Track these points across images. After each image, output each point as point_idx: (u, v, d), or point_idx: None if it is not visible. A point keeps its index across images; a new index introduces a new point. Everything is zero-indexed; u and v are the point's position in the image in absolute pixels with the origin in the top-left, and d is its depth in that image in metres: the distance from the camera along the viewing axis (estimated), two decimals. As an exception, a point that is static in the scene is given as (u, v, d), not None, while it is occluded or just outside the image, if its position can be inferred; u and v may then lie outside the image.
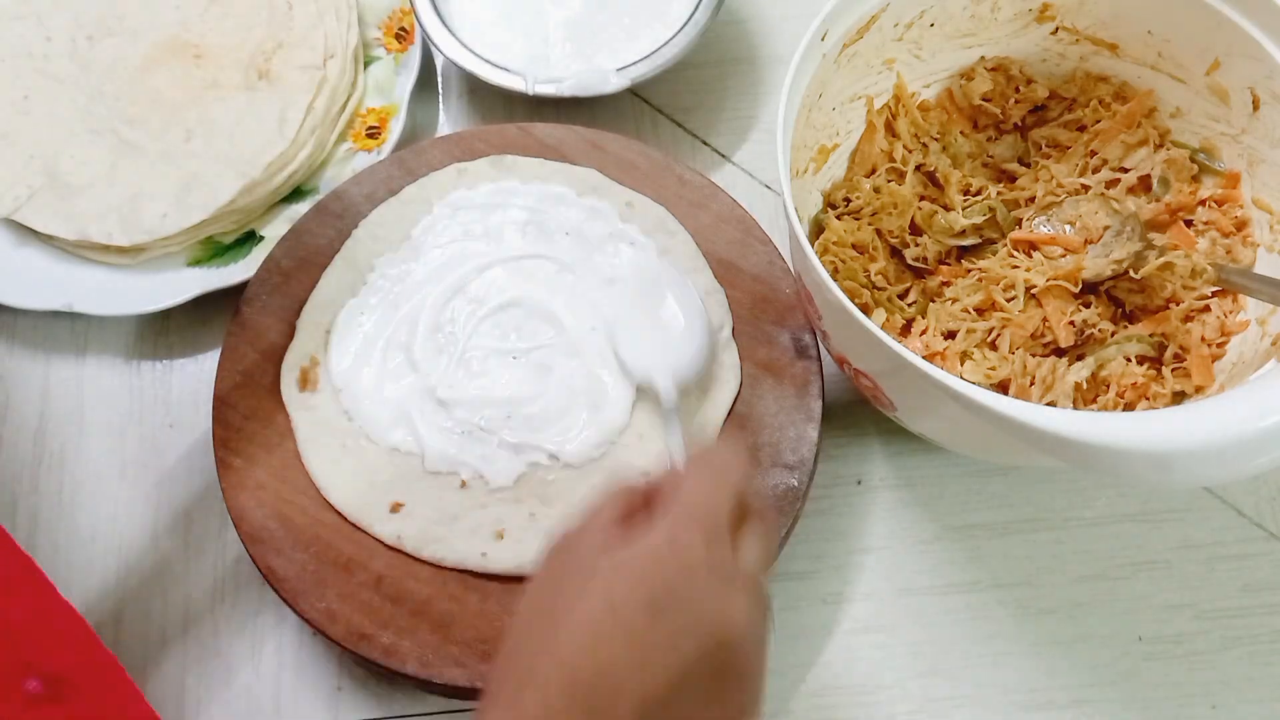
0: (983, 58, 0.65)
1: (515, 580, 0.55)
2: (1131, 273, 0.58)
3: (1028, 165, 0.65)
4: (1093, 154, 0.64)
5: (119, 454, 0.64)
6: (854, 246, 0.61)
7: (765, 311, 0.62)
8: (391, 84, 0.73)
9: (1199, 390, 0.56)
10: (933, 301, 0.61)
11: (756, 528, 0.43)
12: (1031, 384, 0.57)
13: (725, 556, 0.41)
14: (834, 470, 0.63)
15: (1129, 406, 0.56)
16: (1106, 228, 0.60)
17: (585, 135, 0.67)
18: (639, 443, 0.59)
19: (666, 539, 0.41)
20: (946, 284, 0.61)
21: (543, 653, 0.39)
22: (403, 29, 0.74)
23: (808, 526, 0.61)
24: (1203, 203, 0.61)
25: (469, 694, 0.53)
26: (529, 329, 0.61)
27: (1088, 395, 0.57)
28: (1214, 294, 0.59)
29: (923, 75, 0.64)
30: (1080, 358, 0.58)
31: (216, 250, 0.67)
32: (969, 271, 0.61)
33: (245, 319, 0.62)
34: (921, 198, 0.63)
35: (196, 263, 0.67)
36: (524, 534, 0.56)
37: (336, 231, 0.65)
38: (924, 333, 0.59)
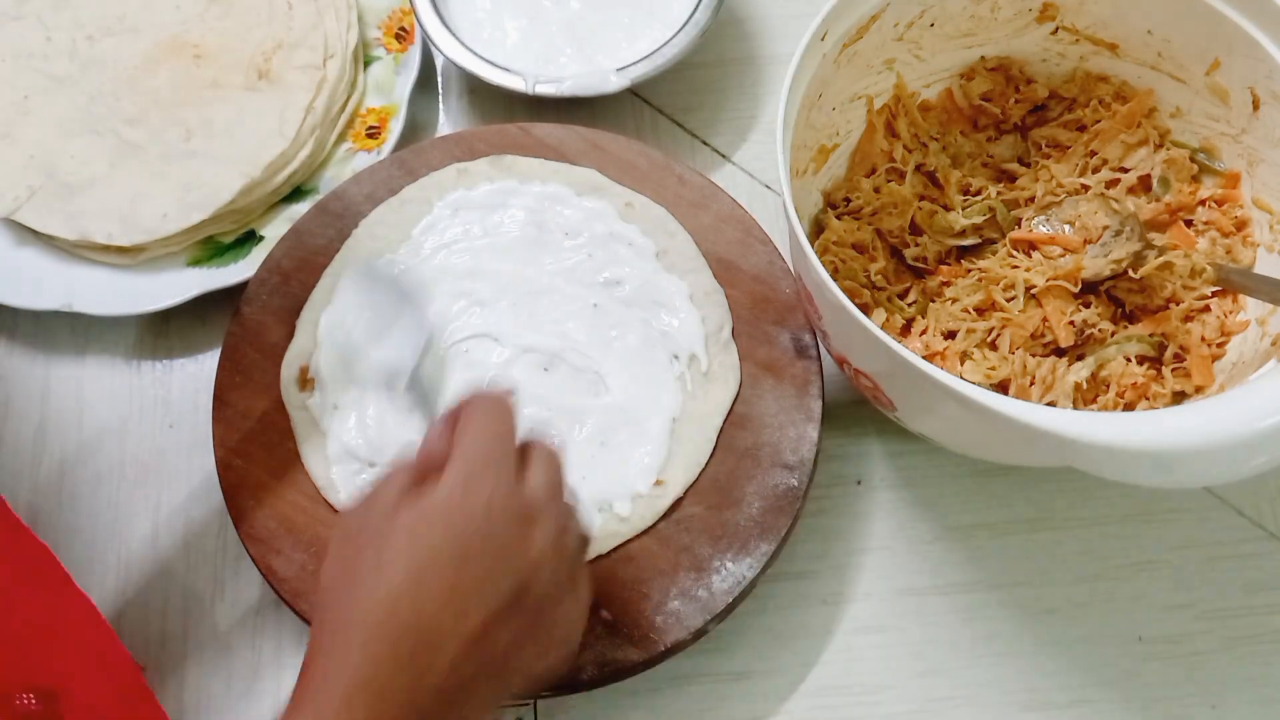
0: (983, 58, 0.65)
1: (515, 580, 0.55)
2: (1131, 272, 0.58)
3: (1028, 165, 0.65)
4: (1093, 154, 0.64)
5: (119, 454, 0.64)
6: (854, 246, 0.61)
7: (765, 311, 0.62)
8: (391, 84, 0.73)
9: (1199, 390, 0.57)
10: (933, 301, 0.61)
11: (538, 456, 0.45)
12: (1031, 384, 0.57)
13: (516, 492, 0.43)
14: (834, 470, 0.63)
15: (1129, 406, 0.56)
16: (1106, 228, 0.60)
17: (585, 135, 0.67)
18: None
19: (461, 487, 0.42)
20: (946, 284, 0.61)
21: (359, 609, 0.41)
22: (403, 29, 0.74)
23: (808, 526, 0.61)
24: (1203, 203, 0.61)
25: None
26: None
27: (1088, 395, 0.57)
28: (1214, 294, 0.59)
29: (923, 75, 0.64)
30: (1080, 358, 0.58)
31: (216, 250, 0.67)
32: (969, 271, 0.61)
33: (245, 319, 0.62)
34: (921, 198, 0.63)
35: (196, 263, 0.67)
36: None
37: (336, 231, 0.65)
38: (924, 333, 0.59)
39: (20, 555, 0.50)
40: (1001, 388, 0.57)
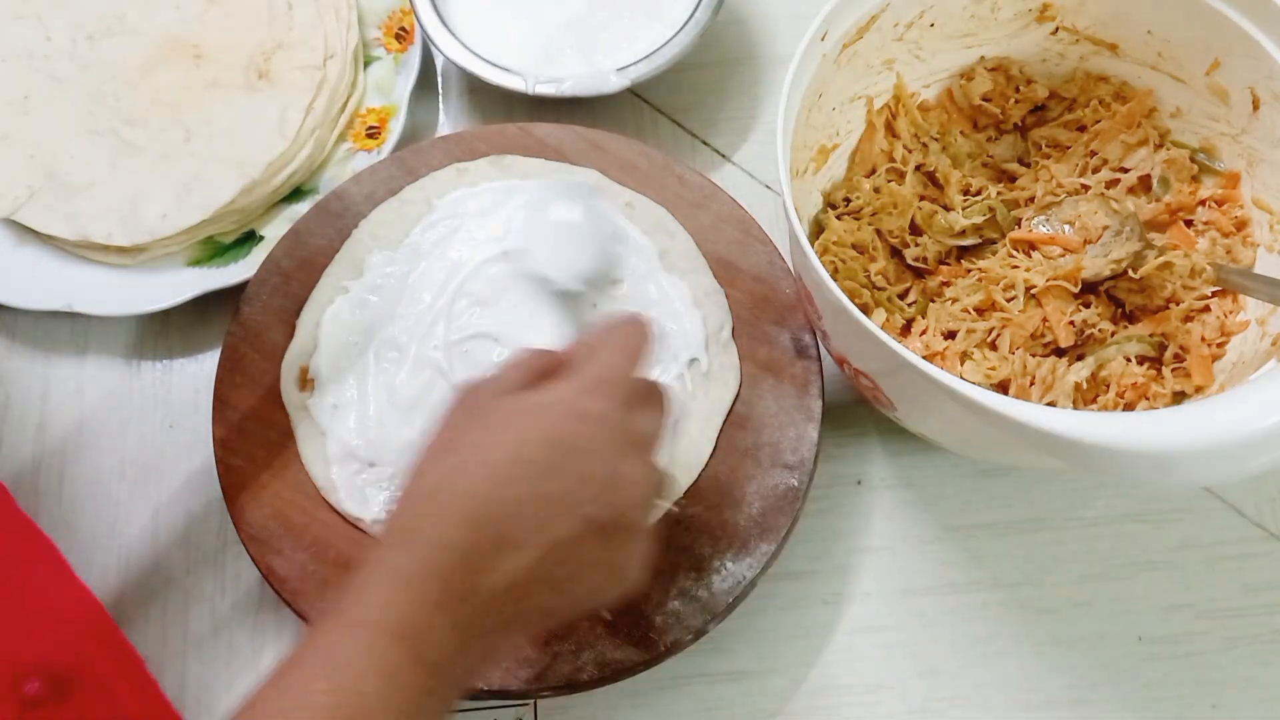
0: (983, 58, 0.65)
1: (515, 580, 0.55)
2: (1131, 272, 0.58)
3: (1028, 165, 0.65)
4: (1093, 154, 0.64)
5: (119, 454, 0.64)
6: (854, 246, 0.61)
7: (765, 311, 0.62)
8: (391, 84, 0.73)
9: (1199, 390, 0.56)
10: (933, 301, 0.61)
11: (654, 396, 0.45)
12: (1031, 384, 0.57)
13: (627, 420, 0.43)
14: (834, 470, 0.63)
15: (1129, 406, 0.56)
16: (1105, 228, 0.60)
17: (585, 135, 0.67)
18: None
19: (577, 393, 0.42)
20: (946, 284, 0.61)
21: (443, 488, 0.40)
22: (403, 29, 0.74)
23: (808, 526, 0.61)
24: (1203, 203, 0.61)
25: (469, 694, 0.53)
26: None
27: (1088, 395, 0.57)
28: (1214, 294, 0.59)
29: (923, 75, 0.64)
30: (1080, 358, 0.58)
31: (216, 250, 0.67)
32: (969, 271, 0.61)
33: (245, 319, 0.62)
34: (921, 198, 0.63)
35: (196, 263, 0.67)
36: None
37: (336, 231, 0.65)
38: (924, 333, 0.59)
39: (25, 548, 0.50)
40: (1001, 388, 0.57)
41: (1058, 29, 0.63)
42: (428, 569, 0.38)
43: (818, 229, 0.62)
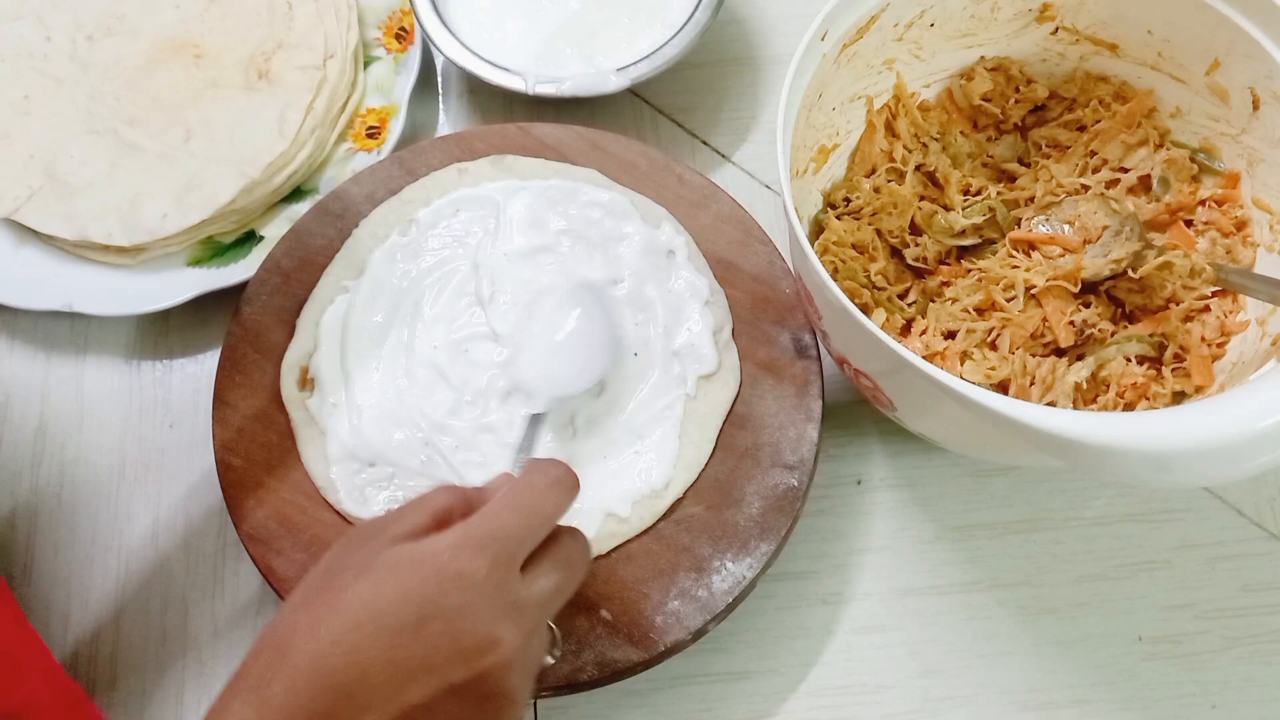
0: (983, 58, 0.65)
1: (515, 580, 0.55)
2: (1131, 272, 0.58)
3: (1028, 165, 0.65)
4: (1093, 154, 0.64)
5: (119, 454, 0.64)
6: (854, 246, 0.61)
7: (765, 311, 0.62)
8: (391, 84, 0.73)
9: (1199, 390, 0.56)
10: (933, 301, 0.61)
11: (559, 559, 0.43)
12: (1031, 384, 0.57)
13: (508, 582, 0.40)
14: (834, 470, 0.63)
15: (1129, 406, 0.56)
16: (1105, 228, 0.60)
17: (585, 135, 0.67)
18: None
19: (451, 549, 0.40)
20: (946, 284, 0.61)
21: (296, 644, 0.38)
22: (403, 29, 0.74)
23: (808, 526, 0.61)
24: (1203, 203, 0.61)
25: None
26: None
27: (1088, 395, 0.57)
28: (1214, 294, 0.59)
29: (923, 75, 0.64)
30: (1080, 358, 0.58)
31: (216, 250, 0.67)
32: (969, 271, 0.61)
33: (245, 319, 0.62)
34: (921, 198, 0.63)
35: (196, 263, 0.67)
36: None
37: (336, 231, 0.65)
38: (924, 333, 0.59)
39: None
40: (1001, 388, 0.57)
41: (1058, 29, 0.63)
42: None
43: (818, 229, 0.62)
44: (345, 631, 0.38)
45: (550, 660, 0.47)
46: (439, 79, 0.76)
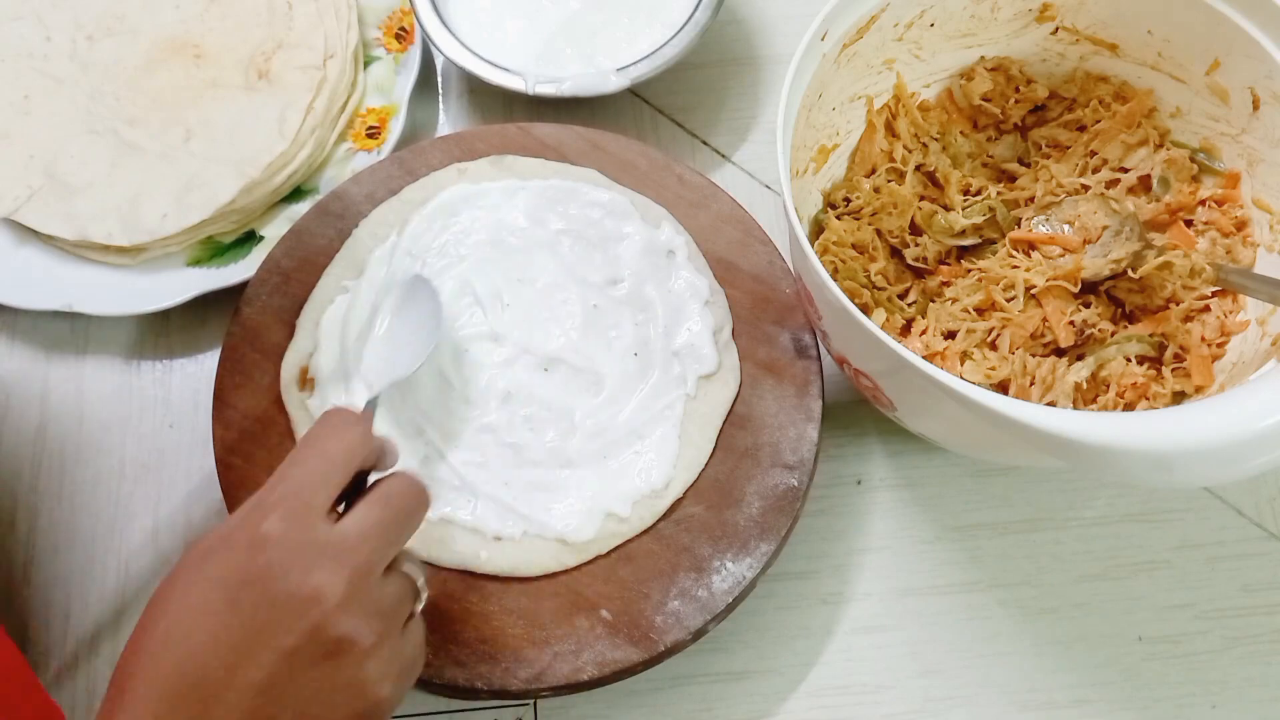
0: (983, 58, 0.65)
1: (516, 581, 0.55)
2: (1131, 272, 0.58)
3: (1028, 165, 0.65)
4: (1093, 154, 0.64)
5: (119, 454, 0.64)
6: (854, 246, 0.61)
7: (765, 311, 0.62)
8: (391, 84, 0.73)
9: (1199, 390, 0.56)
10: (933, 301, 0.61)
11: (376, 496, 0.42)
12: (1031, 384, 0.57)
13: (311, 531, 0.40)
14: (834, 470, 0.63)
15: (1129, 406, 0.56)
16: (1105, 228, 0.60)
17: (585, 135, 0.67)
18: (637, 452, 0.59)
19: (243, 519, 0.40)
20: (946, 284, 0.61)
21: (143, 653, 0.38)
22: (403, 29, 0.74)
23: (808, 526, 0.61)
24: (1203, 203, 0.61)
25: (469, 694, 0.53)
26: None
27: (1088, 395, 0.57)
28: (1214, 294, 0.59)
29: (923, 75, 0.64)
30: (1080, 358, 0.58)
31: (216, 250, 0.67)
32: (969, 271, 0.61)
33: (245, 319, 0.62)
34: (921, 198, 0.63)
35: (196, 263, 0.67)
36: (522, 536, 0.56)
37: (336, 231, 0.65)
38: (924, 333, 0.59)
39: None
40: (1001, 388, 0.57)
41: (1058, 29, 0.63)
42: None
43: (818, 229, 0.62)
44: (169, 633, 0.38)
45: (418, 606, 0.44)
46: (439, 79, 0.76)
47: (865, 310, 0.57)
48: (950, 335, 0.59)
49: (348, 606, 0.39)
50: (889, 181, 0.63)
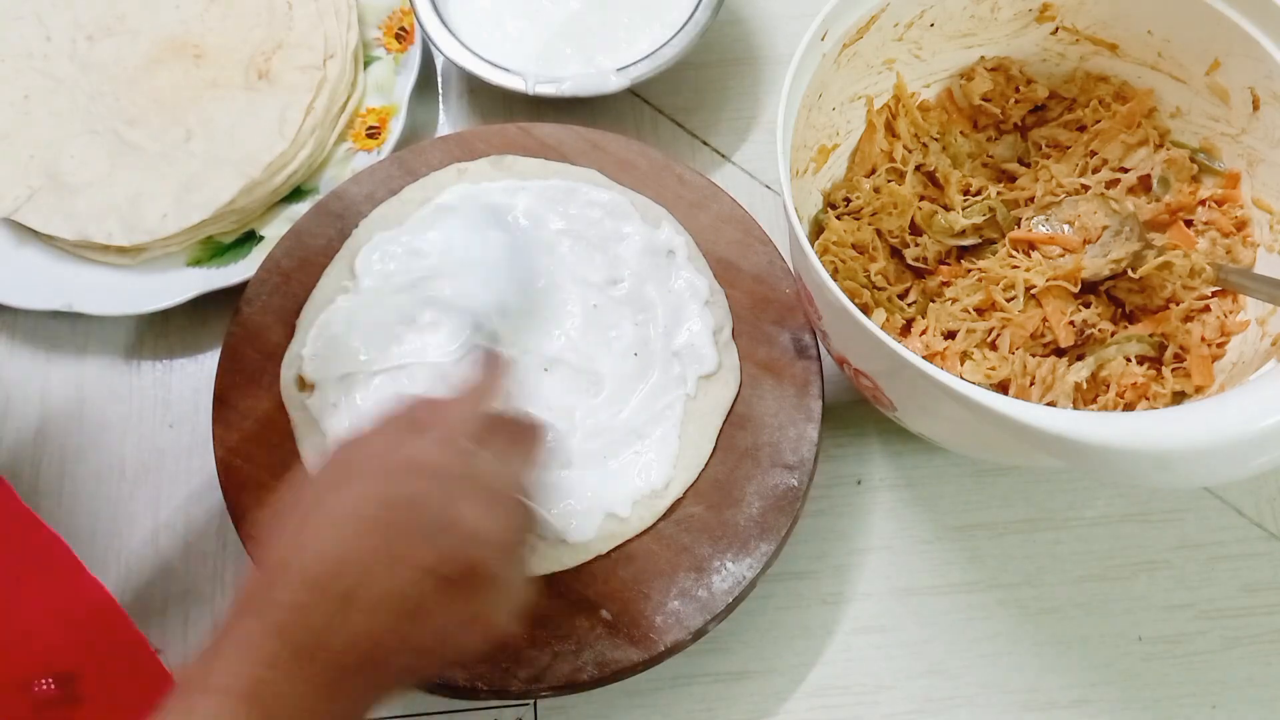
0: (983, 58, 0.65)
1: (515, 580, 0.55)
2: (1130, 272, 0.58)
3: (1028, 165, 0.65)
4: (1093, 154, 0.64)
5: (119, 454, 0.64)
6: (854, 246, 0.61)
7: (765, 311, 0.62)
8: (391, 84, 0.73)
9: (1199, 390, 0.56)
10: (933, 301, 0.61)
11: (510, 433, 0.46)
12: (1031, 384, 0.57)
13: (455, 460, 0.43)
14: (834, 470, 0.63)
15: (1129, 406, 0.56)
16: (1105, 228, 0.60)
17: (585, 135, 0.67)
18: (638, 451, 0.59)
19: (418, 448, 0.43)
20: (946, 284, 0.61)
21: (290, 554, 0.41)
22: (403, 29, 0.74)
23: (808, 526, 0.61)
24: (1203, 203, 0.61)
25: (469, 694, 0.53)
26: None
27: (1088, 395, 0.57)
28: (1214, 294, 0.59)
29: (923, 75, 0.64)
30: (1080, 358, 0.58)
31: (216, 250, 0.67)
32: (969, 271, 0.61)
33: (245, 319, 0.62)
34: (921, 198, 0.63)
35: (196, 263, 0.67)
36: (524, 534, 0.56)
37: (336, 231, 0.65)
38: (924, 333, 0.59)
39: (33, 545, 0.50)
40: (1001, 388, 0.57)
41: (1058, 29, 0.63)
42: (274, 631, 0.39)
43: (818, 229, 0.62)
44: (333, 533, 0.40)
45: (539, 540, 0.49)
46: (439, 79, 0.76)
47: (865, 310, 0.57)
48: (950, 335, 0.59)
49: (483, 538, 0.42)
50: (889, 181, 0.63)
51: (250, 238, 0.68)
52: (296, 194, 0.69)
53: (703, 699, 0.58)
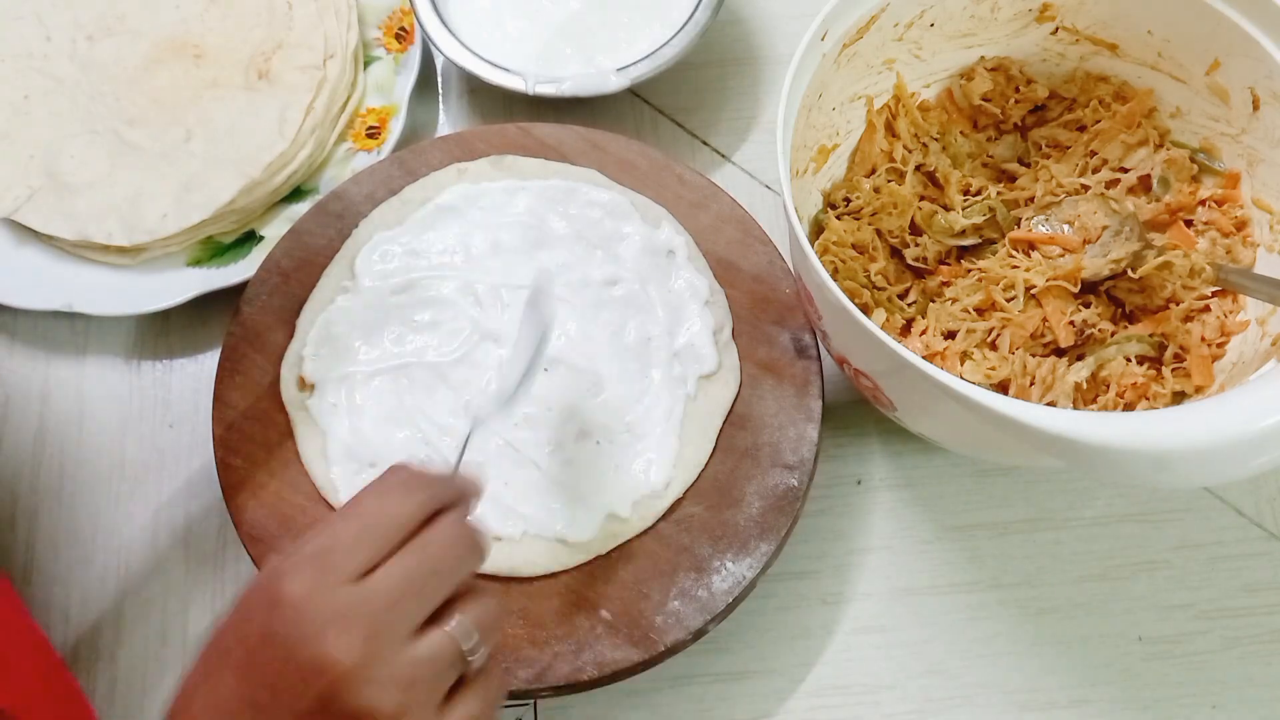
0: (983, 58, 0.65)
1: (516, 581, 0.55)
2: (1130, 272, 0.58)
3: (1028, 165, 0.65)
4: (1093, 154, 0.64)
5: (119, 454, 0.64)
6: (854, 246, 0.61)
7: (765, 311, 0.62)
8: (391, 84, 0.73)
9: (1199, 390, 0.57)
10: (933, 301, 0.61)
11: (405, 553, 0.39)
12: (1031, 384, 0.57)
13: (328, 589, 0.37)
14: (834, 470, 0.63)
15: (1129, 406, 0.56)
16: (1105, 228, 0.60)
17: (585, 135, 0.67)
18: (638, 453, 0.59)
19: (265, 578, 0.38)
20: (946, 284, 0.61)
21: (180, 694, 0.38)
22: (403, 29, 0.74)
23: (808, 526, 0.61)
24: (1203, 203, 0.61)
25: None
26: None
27: (1088, 395, 0.57)
28: (1214, 294, 0.59)
29: (923, 75, 0.64)
30: (1080, 358, 0.58)
31: (216, 250, 0.67)
32: (969, 271, 0.61)
33: (245, 319, 0.62)
34: (921, 198, 0.63)
35: (196, 263, 0.67)
36: (522, 536, 0.56)
37: (336, 231, 0.65)
38: (924, 333, 0.59)
39: None
40: (1001, 388, 0.57)
41: (1058, 29, 0.63)
42: None
43: (818, 229, 0.62)
44: (205, 675, 0.38)
45: (472, 667, 0.40)
46: (439, 79, 0.76)
47: (865, 310, 0.57)
48: (950, 335, 0.59)
49: (366, 672, 0.36)
50: (889, 181, 0.63)
51: (250, 238, 0.68)
52: (296, 194, 0.69)
53: (703, 699, 0.58)
